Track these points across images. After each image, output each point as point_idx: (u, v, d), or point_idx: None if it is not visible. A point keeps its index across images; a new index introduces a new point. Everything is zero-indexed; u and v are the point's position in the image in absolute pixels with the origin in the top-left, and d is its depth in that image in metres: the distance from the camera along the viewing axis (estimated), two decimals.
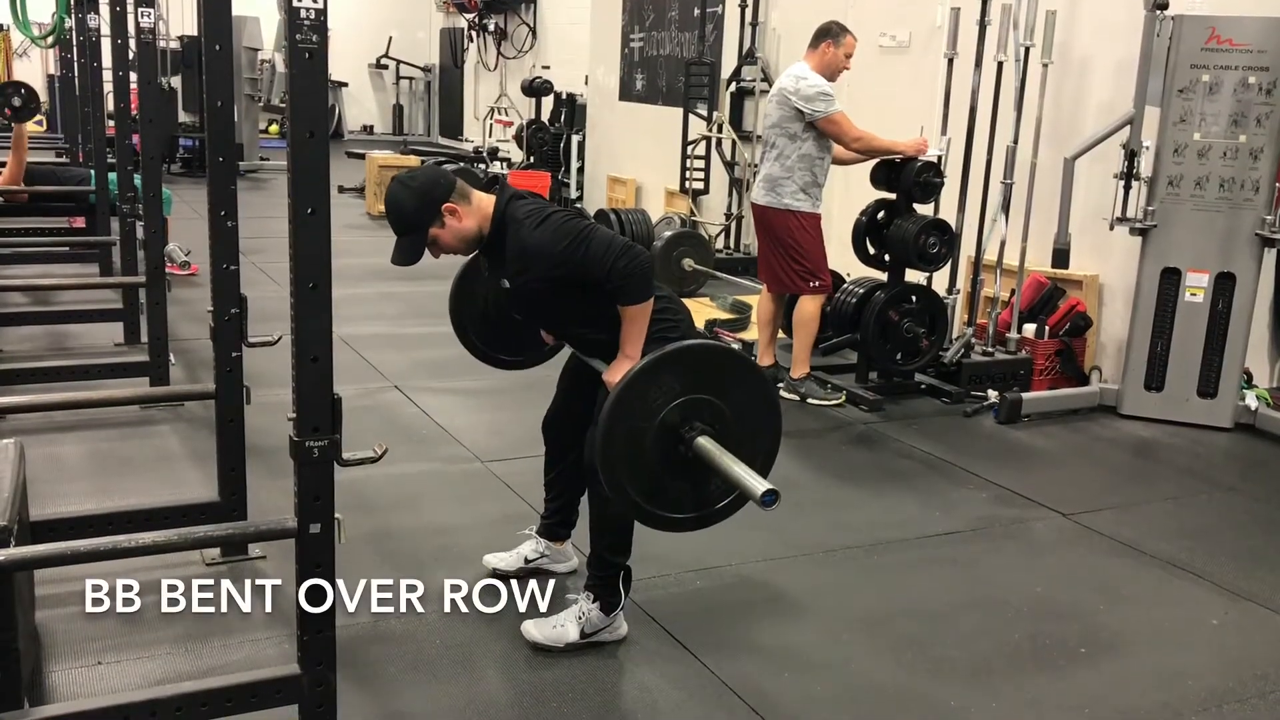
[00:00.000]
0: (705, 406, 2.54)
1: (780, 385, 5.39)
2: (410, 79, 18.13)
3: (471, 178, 8.73)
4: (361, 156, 11.70)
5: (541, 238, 2.73)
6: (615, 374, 2.75)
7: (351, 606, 3.00)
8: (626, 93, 10.40)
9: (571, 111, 11.31)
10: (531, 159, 11.15)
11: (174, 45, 13.44)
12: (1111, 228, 5.18)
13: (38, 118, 14.56)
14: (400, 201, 2.78)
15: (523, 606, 3.16)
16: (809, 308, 5.21)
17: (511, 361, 3.45)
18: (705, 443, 2.50)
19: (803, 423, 5.05)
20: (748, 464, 2.49)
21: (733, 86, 8.55)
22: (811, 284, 5.17)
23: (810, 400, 5.28)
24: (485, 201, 2.84)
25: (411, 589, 3.27)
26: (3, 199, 6.70)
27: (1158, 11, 4.96)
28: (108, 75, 5.28)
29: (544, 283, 2.78)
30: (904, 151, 5.17)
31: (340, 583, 2.35)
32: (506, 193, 2.86)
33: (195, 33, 12.97)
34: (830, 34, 5.11)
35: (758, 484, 2.37)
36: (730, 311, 6.77)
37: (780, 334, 5.58)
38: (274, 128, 15.96)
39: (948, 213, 5.59)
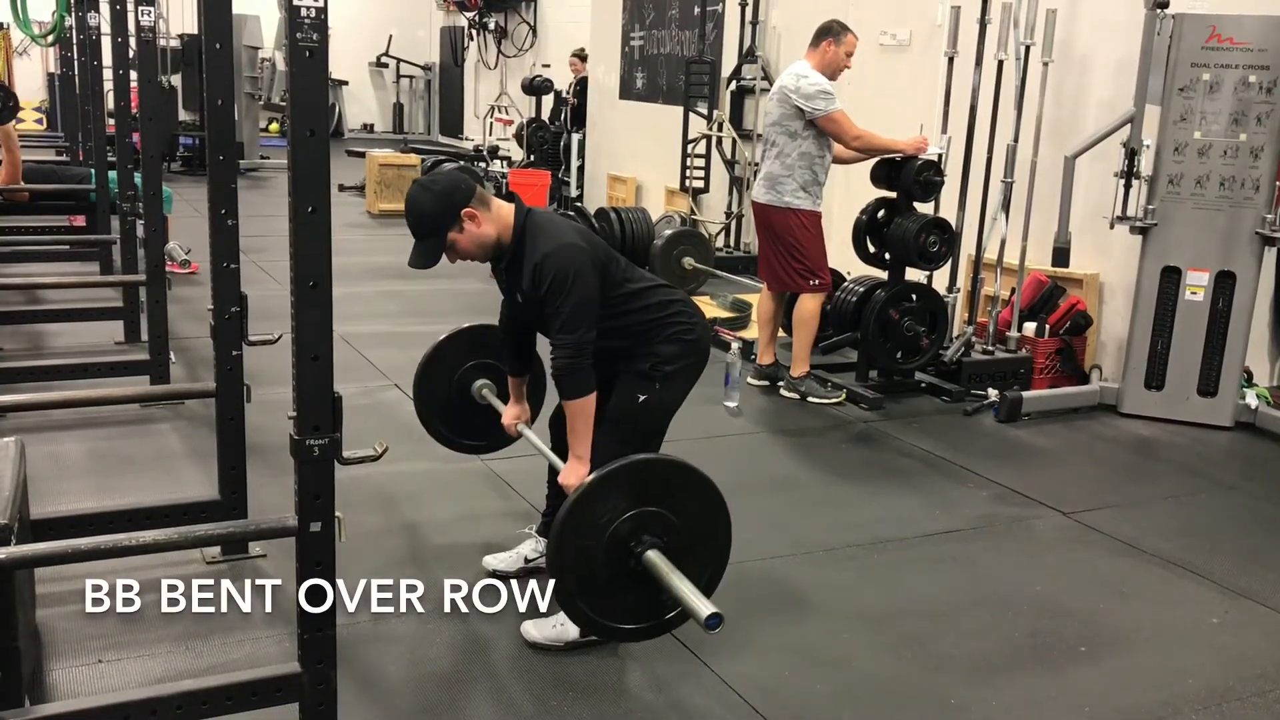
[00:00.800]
0: (655, 519, 2.52)
1: (780, 384, 5.39)
2: (410, 77, 18.13)
3: (472, 176, 8.74)
4: (362, 155, 11.70)
5: (548, 266, 2.76)
6: (569, 477, 2.81)
7: (352, 605, 3.01)
8: (627, 91, 10.40)
9: (571, 110, 11.31)
10: (531, 157, 11.15)
11: (174, 43, 13.44)
12: (1112, 226, 5.18)
13: (37, 116, 14.60)
14: (420, 204, 2.80)
15: (522, 606, 3.16)
16: (809, 306, 5.21)
17: (475, 446, 3.67)
18: (654, 557, 2.48)
19: (803, 421, 5.05)
20: (697, 574, 2.48)
21: (733, 85, 8.55)
22: (812, 282, 5.17)
23: (810, 399, 5.28)
24: (505, 210, 2.86)
25: (411, 588, 3.27)
26: (2, 198, 6.69)
27: (1158, 10, 4.96)
28: (108, 73, 5.29)
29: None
30: (904, 150, 5.17)
31: (340, 581, 2.35)
32: (524, 207, 2.89)
33: (195, 31, 12.97)
34: (831, 32, 5.12)
35: (703, 607, 2.34)
36: (730, 310, 6.77)
37: (780, 332, 5.58)
38: (274, 126, 15.95)
39: (948, 211, 5.59)
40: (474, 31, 15.71)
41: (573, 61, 11.61)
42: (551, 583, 2.54)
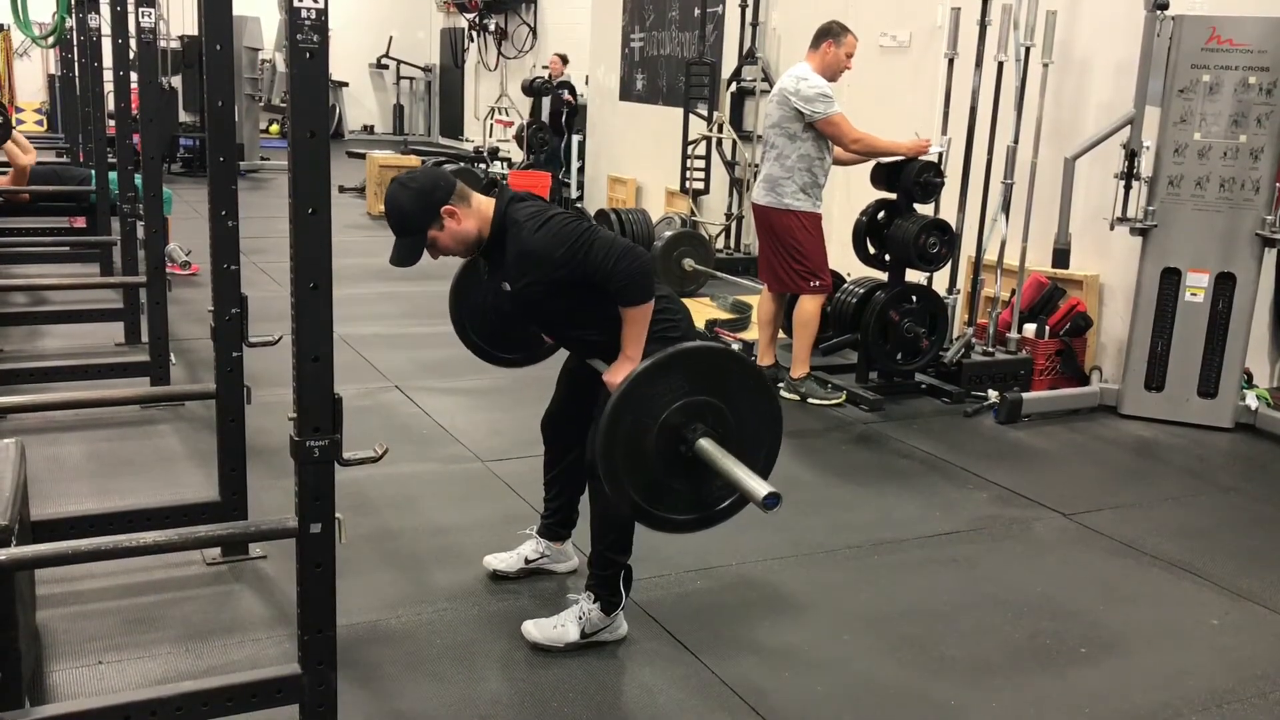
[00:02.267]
0: (708, 409, 2.54)
1: (780, 385, 5.39)
2: (411, 79, 18.15)
3: (471, 178, 8.75)
4: (362, 156, 11.71)
5: (543, 241, 2.73)
6: (617, 374, 2.75)
7: (352, 606, 3.02)
8: (627, 93, 10.40)
9: (572, 111, 11.31)
10: (532, 158, 11.16)
11: (174, 45, 13.45)
12: (1112, 228, 5.19)
13: (38, 118, 14.61)
14: (400, 203, 2.78)
15: (523, 607, 3.18)
16: (809, 307, 5.21)
17: (511, 359, 3.45)
18: (707, 444, 2.50)
19: (803, 422, 5.05)
20: (750, 462, 2.50)
21: (733, 86, 8.56)
22: (812, 284, 5.18)
23: (810, 400, 5.28)
24: (485, 204, 2.84)
25: (412, 588, 3.29)
26: (3, 199, 6.70)
27: (1158, 11, 4.96)
28: (108, 75, 5.29)
29: (544, 286, 2.78)
30: (904, 152, 5.18)
31: (341, 582, 2.35)
32: (506, 195, 2.86)
33: (196, 32, 12.97)
34: (831, 34, 5.12)
35: (760, 486, 2.37)
36: (730, 311, 6.77)
37: (780, 334, 5.58)
38: (274, 127, 15.97)
39: (948, 213, 5.59)
40: (474, 33, 15.72)
41: (553, 60, 11.69)
42: (604, 473, 2.53)
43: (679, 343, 2.94)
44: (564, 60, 11.60)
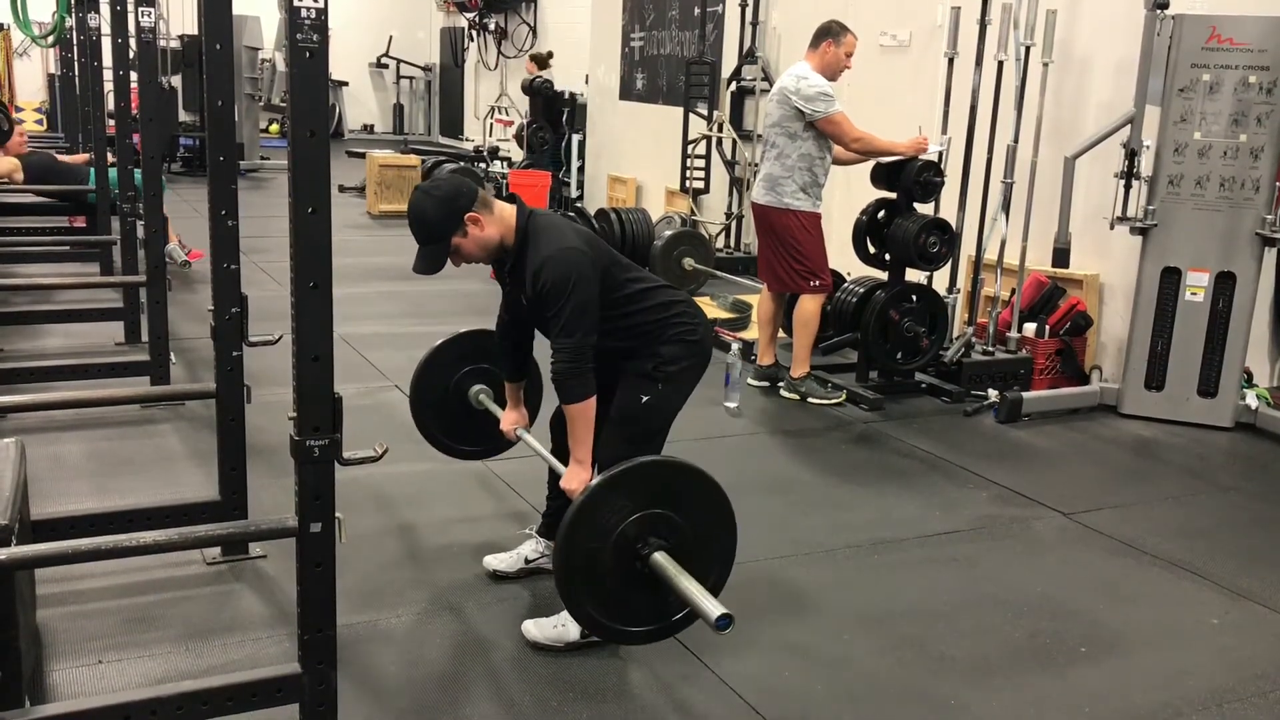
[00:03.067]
0: (662, 522, 2.53)
1: (780, 384, 5.39)
2: (411, 78, 18.14)
3: (471, 178, 8.74)
4: (362, 156, 11.71)
5: (549, 270, 2.76)
6: (571, 481, 2.82)
7: (352, 606, 3.02)
8: (627, 92, 10.40)
9: (572, 111, 11.31)
10: (533, 157, 11.15)
11: (174, 44, 13.45)
12: (1112, 227, 5.19)
13: (37, 117, 14.61)
14: (424, 210, 2.80)
15: (523, 606, 3.18)
16: (809, 307, 5.21)
17: (471, 451, 3.64)
18: (662, 558, 2.48)
19: (803, 422, 5.05)
20: (704, 575, 2.49)
21: (733, 86, 8.55)
22: (812, 283, 5.18)
23: (811, 399, 5.28)
24: (508, 211, 2.86)
25: (412, 588, 3.29)
26: None
27: (1158, 11, 4.96)
28: (108, 74, 5.29)
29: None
30: (903, 152, 5.17)
31: (341, 582, 2.35)
32: (526, 209, 2.90)
33: (196, 32, 12.98)
34: (831, 33, 5.12)
35: (713, 608, 2.35)
36: (731, 311, 6.77)
37: (781, 333, 5.58)
38: (274, 127, 15.96)
39: (948, 212, 5.59)
40: (474, 32, 15.71)
41: (528, 64, 11.77)
42: (560, 588, 2.54)
43: (698, 346, 2.97)
44: (539, 63, 11.73)
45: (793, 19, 7.92)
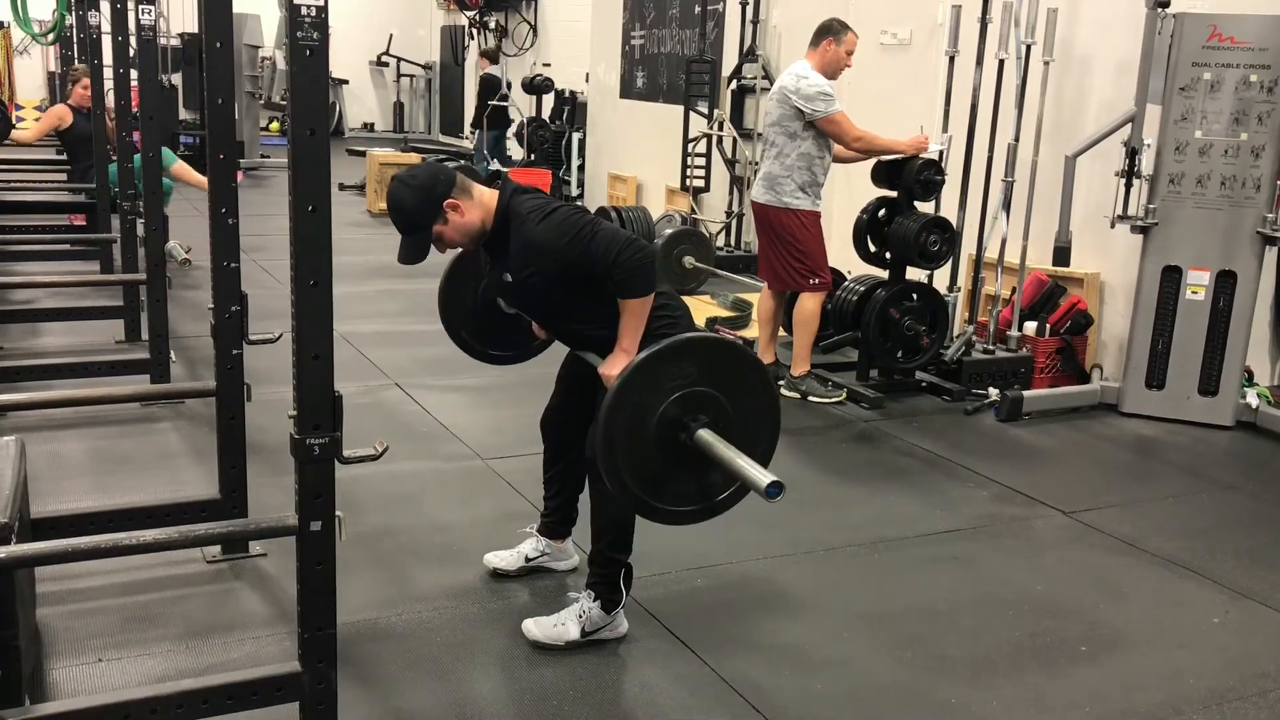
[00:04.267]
0: (708, 401, 2.53)
1: (781, 383, 5.39)
2: (411, 76, 18.14)
3: (472, 174, 8.74)
4: (362, 154, 11.71)
5: (546, 232, 2.74)
6: (613, 367, 2.75)
7: (352, 604, 3.02)
8: (627, 90, 10.40)
9: (572, 109, 11.31)
10: (531, 156, 11.15)
11: (174, 42, 13.45)
12: (1113, 225, 5.18)
13: (37, 115, 14.61)
14: (402, 200, 2.79)
15: (523, 605, 3.18)
16: (809, 305, 5.21)
17: (503, 357, 3.44)
18: (707, 434, 2.49)
19: (804, 420, 5.05)
20: (750, 450, 2.49)
21: (734, 84, 8.55)
22: (812, 281, 5.17)
23: (811, 398, 5.28)
24: (488, 195, 2.85)
25: (412, 586, 3.29)
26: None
27: (1159, 9, 4.95)
28: (108, 72, 5.28)
29: (546, 277, 2.79)
30: (904, 150, 5.17)
31: (341, 580, 2.35)
32: (509, 187, 2.87)
33: (196, 30, 12.98)
34: (831, 31, 5.11)
35: (762, 475, 2.36)
36: (731, 309, 6.77)
37: (781, 332, 5.58)
38: (275, 125, 15.96)
39: (949, 210, 5.59)
40: (474, 30, 15.71)
41: (480, 60, 11.88)
42: (603, 466, 2.52)
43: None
44: (490, 57, 11.92)
45: (793, 17, 7.91)
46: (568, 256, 2.73)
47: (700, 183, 8.86)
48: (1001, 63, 5.55)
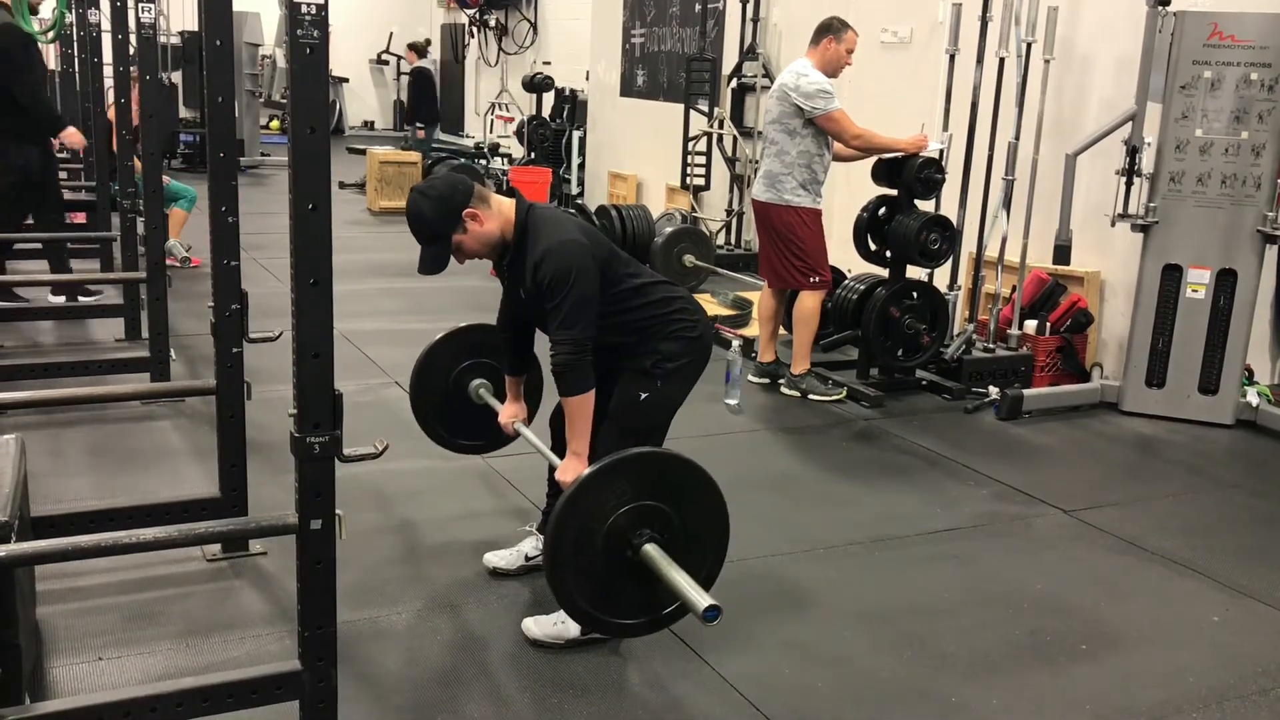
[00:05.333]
0: (656, 514, 2.51)
1: (781, 381, 5.39)
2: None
3: (472, 175, 8.75)
4: (362, 152, 11.70)
5: (549, 263, 2.76)
6: (566, 474, 2.81)
7: (352, 603, 3.02)
8: (628, 88, 10.39)
9: (573, 107, 11.30)
10: (532, 154, 11.15)
11: (174, 41, 13.44)
12: (1113, 224, 5.18)
13: None
14: (421, 211, 2.80)
15: (523, 604, 3.18)
16: (809, 303, 5.21)
17: (470, 446, 3.65)
18: (653, 550, 2.47)
19: (804, 419, 5.05)
20: (696, 569, 2.47)
21: (734, 82, 8.55)
22: (811, 279, 5.17)
23: (811, 396, 5.28)
24: (506, 206, 2.86)
25: (412, 585, 3.29)
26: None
27: (1160, 8, 4.95)
28: (108, 70, 5.28)
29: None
30: (904, 149, 5.17)
31: (341, 579, 2.35)
32: (525, 203, 2.89)
33: (196, 28, 12.97)
34: (831, 29, 5.11)
35: (700, 599, 2.33)
36: (731, 307, 6.77)
37: (782, 330, 5.58)
38: (275, 123, 15.95)
39: (949, 209, 5.59)
40: (475, 29, 15.70)
41: (408, 53, 11.98)
42: (549, 576, 2.53)
43: (698, 343, 2.97)
44: (418, 51, 12.05)
45: (793, 15, 7.91)
46: (542, 293, 2.77)
47: (700, 181, 8.85)
48: (1002, 61, 5.55)
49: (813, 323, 5.23)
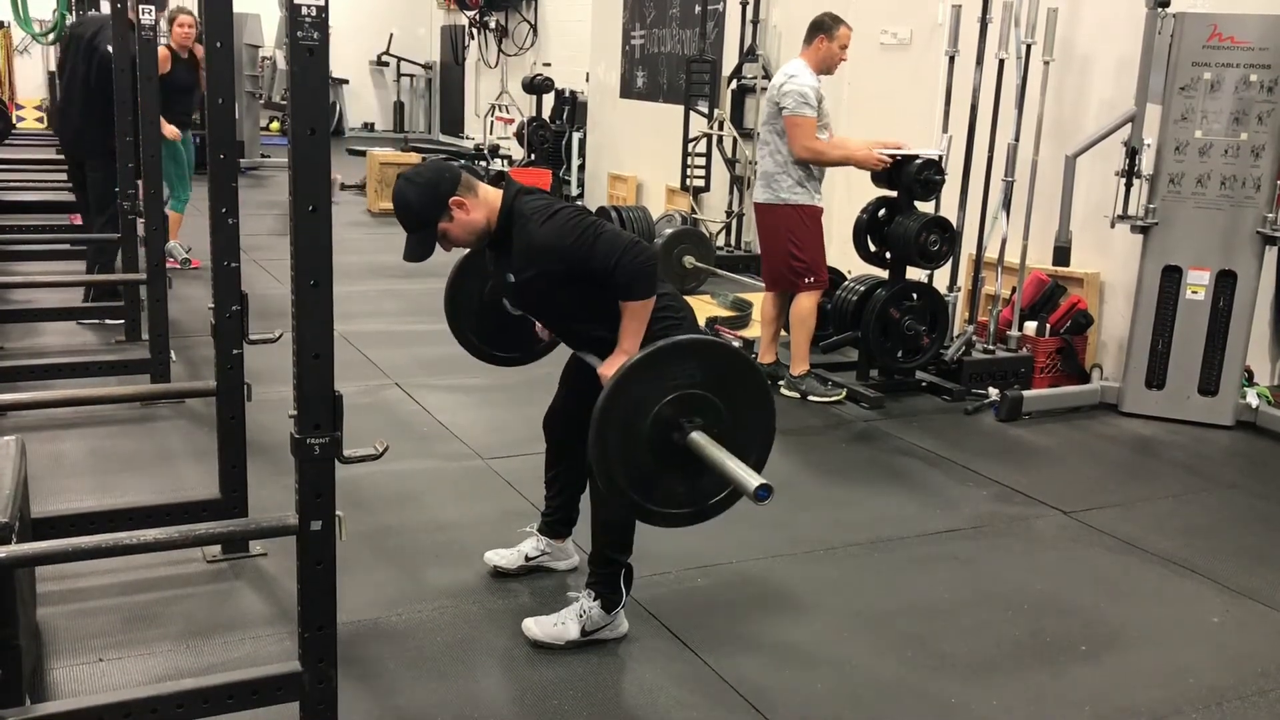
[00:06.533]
0: (702, 403, 2.53)
1: (780, 382, 5.39)
2: (411, 76, 18.13)
3: (473, 173, 8.73)
4: (363, 154, 11.70)
5: (549, 233, 2.74)
6: (611, 366, 2.74)
7: (353, 604, 3.02)
8: (627, 90, 10.40)
9: (573, 108, 11.31)
10: (532, 156, 11.15)
11: None
12: (1113, 225, 5.18)
13: (38, 115, 14.61)
14: (407, 198, 2.79)
15: (524, 604, 3.18)
16: (806, 304, 5.21)
17: (506, 358, 3.44)
18: (700, 437, 2.49)
19: (804, 420, 5.05)
20: (743, 455, 2.49)
21: (734, 84, 8.55)
22: (807, 280, 5.17)
23: (811, 397, 5.28)
24: (492, 194, 2.85)
25: (412, 586, 3.29)
26: None
27: (1159, 9, 4.95)
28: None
29: (549, 278, 2.79)
30: (857, 163, 5.17)
31: (341, 580, 2.35)
32: (514, 187, 2.87)
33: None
34: (823, 28, 5.09)
35: (752, 478, 2.36)
36: (731, 309, 6.77)
37: (783, 333, 5.58)
38: (275, 124, 15.95)
39: (949, 210, 5.59)
40: (474, 30, 15.70)
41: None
42: (595, 466, 2.52)
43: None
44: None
45: (793, 17, 7.90)
46: (570, 258, 2.73)
47: (700, 182, 8.86)
48: (1001, 62, 5.56)
49: (810, 323, 5.23)
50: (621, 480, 2.53)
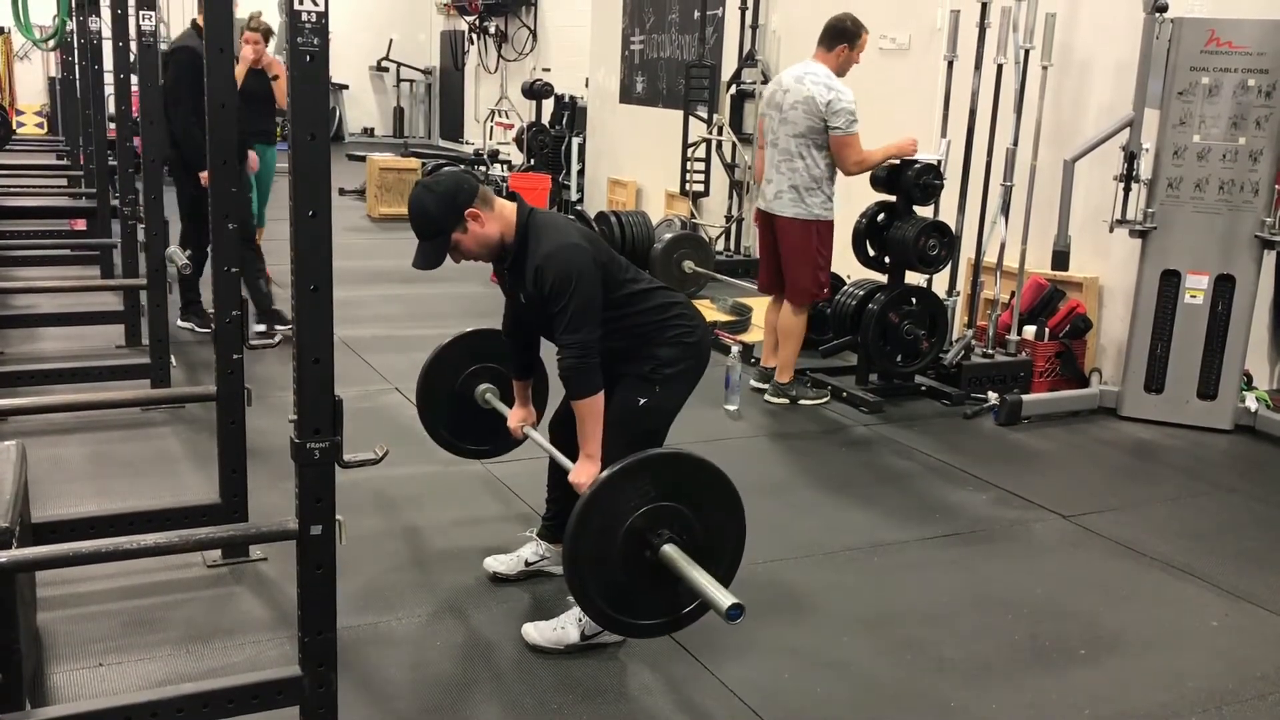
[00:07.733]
0: (674, 515, 2.53)
1: (765, 389, 5.38)
2: (411, 81, 18.14)
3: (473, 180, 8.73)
4: (362, 159, 11.71)
5: (549, 268, 2.77)
6: (580, 476, 2.81)
7: (352, 608, 3.03)
8: (627, 95, 10.41)
9: (572, 114, 11.32)
10: (532, 161, 11.16)
11: None
12: (1111, 230, 5.19)
13: (38, 120, 14.63)
14: (424, 205, 2.81)
15: (523, 609, 3.18)
16: (800, 316, 5.22)
17: (477, 450, 3.65)
18: (671, 550, 2.48)
19: (803, 424, 5.05)
20: (714, 568, 2.49)
21: (733, 89, 8.56)
22: (825, 293, 5.22)
23: (801, 402, 5.28)
24: (508, 209, 2.87)
25: (412, 591, 3.29)
26: None
27: (1157, 14, 4.96)
28: (109, 78, 5.29)
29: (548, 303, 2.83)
30: (896, 155, 5.15)
31: (341, 584, 2.35)
32: (526, 207, 2.90)
33: None
34: (847, 35, 5.01)
35: (724, 597, 2.34)
36: (731, 313, 6.77)
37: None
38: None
39: (947, 215, 5.60)
40: (474, 35, 15.72)
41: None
42: (569, 580, 2.53)
43: (695, 348, 2.97)
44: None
45: (793, 22, 7.93)
46: (546, 295, 2.79)
47: (700, 187, 8.87)
48: (1000, 67, 5.57)
49: (802, 334, 5.24)
50: (596, 595, 2.53)
